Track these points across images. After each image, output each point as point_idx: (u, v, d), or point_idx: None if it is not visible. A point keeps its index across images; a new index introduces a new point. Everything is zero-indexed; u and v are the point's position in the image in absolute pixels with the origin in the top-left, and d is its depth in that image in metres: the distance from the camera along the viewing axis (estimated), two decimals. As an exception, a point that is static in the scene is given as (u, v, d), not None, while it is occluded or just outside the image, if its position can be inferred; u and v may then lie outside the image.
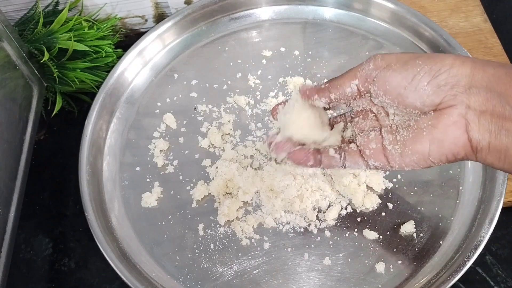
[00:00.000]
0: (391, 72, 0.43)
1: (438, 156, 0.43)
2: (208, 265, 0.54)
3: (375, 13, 0.68)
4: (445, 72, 0.41)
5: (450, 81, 0.41)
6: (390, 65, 0.43)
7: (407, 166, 0.44)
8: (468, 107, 0.40)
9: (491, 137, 0.40)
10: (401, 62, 0.43)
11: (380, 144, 0.45)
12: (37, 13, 0.64)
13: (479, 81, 0.40)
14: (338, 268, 0.53)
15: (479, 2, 0.72)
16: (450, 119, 0.41)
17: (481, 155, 0.41)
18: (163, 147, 0.61)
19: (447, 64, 0.41)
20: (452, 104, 0.41)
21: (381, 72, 0.43)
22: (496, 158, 0.40)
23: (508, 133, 0.39)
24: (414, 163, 0.43)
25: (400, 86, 0.42)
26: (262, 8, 0.71)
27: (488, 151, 0.41)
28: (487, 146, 0.40)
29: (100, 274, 0.57)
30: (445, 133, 0.42)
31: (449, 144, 0.42)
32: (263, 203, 0.56)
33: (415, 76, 0.42)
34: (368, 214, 0.56)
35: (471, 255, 0.50)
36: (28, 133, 0.58)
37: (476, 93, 0.40)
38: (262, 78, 0.66)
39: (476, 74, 0.40)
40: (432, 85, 0.41)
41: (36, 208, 0.61)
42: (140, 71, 0.67)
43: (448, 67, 0.41)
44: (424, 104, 0.42)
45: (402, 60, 0.43)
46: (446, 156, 0.42)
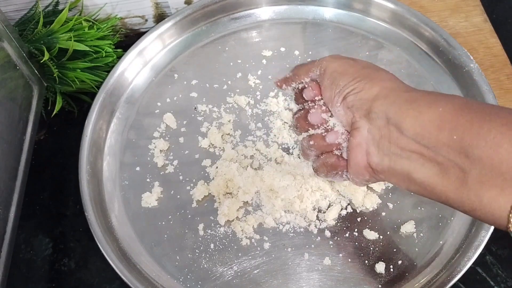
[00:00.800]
0: (323, 88, 0.46)
1: (351, 175, 0.46)
2: (208, 265, 0.54)
3: (375, 13, 0.68)
4: (353, 94, 0.43)
5: (355, 104, 0.43)
6: (326, 73, 0.46)
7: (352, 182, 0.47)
8: (369, 131, 0.42)
9: (390, 161, 0.41)
10: (331, 77, 0.45)
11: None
12: (37, 13, 0.64)
13: (378, 107, 0.41)
14: (338, 268, 0.53)
15: (479, 2, 0.72)
16: (354, 141, 0.44)
17: (384, 176, 0.43)
18: (163, 147, 0.61)
19: (359, 87, 0.43)
20: (358, 127, 0.43)
21: (322, 80, 0.47)
22: (400, 180, 0.42)
23: (409, 159, 0.40)
24: (352, 180, 0.47)
25: (328, 101, 0.46)
26: (262, 8, 0.71)
27: (389, 173, 0.42)
28: (388, 169, 0.42)
29: (100, 274, 0.57)
30: (351, 154, 0.44)
31: (354, 164, 0.44)
32: (263, 203, 0.56)
33: (334, 96, 0.45)
34: (368, 214, 0.56)
35: (471, 255, 0.50)
36: (28, 133, 0.58)
37: (375, 118, 0.42)
38: (262, 78, 0.66)
39: (377, 99, 0.42)
40: (343, 105, 0.44)
41: (36, 208, 0.61)
42: (140, 71, 0.67)
43: (358, 90, 0.43)
44: (342, 122, 0.45)
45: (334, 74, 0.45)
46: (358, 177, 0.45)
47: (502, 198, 0.34)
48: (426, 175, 0.39)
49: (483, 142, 0.35)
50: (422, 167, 0.39)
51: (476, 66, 0.60)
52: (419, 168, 0.39)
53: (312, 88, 0.48)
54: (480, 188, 0.35)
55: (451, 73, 0.63)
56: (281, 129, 0.61)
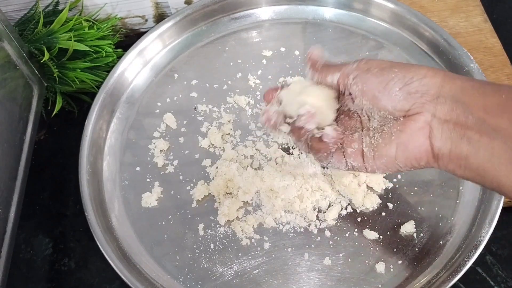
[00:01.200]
0: (370, 75, 0.46)
1: (403, 160, 0.45)
2: (208, 265, 0.54)
3: (375, 13, 0.68)
4: (417, 80, 0.44)
5: (420, 89, 0.43)
6: (370, 69, 0.46)
7: (378, 169, 0.47)
8: (434, 115, 0.43)
9: (452, 144, 0.42)
10: (380, 68, 0.46)
11: (361, 145, 0.47)
12: (37, 13, 0.64)
13: (446, 92, 0.42)
14: (338, 268, 0.53)
15: (479, 2, 0.72)
16: (416, 125, 0.44)
17: (443, 162, 0.43)
18: (163, 147, 0.61)
19: (420, 73, 0.44)
20: (420, 111, 0.44)
21: (361, 73, 0.46)
22: (457, 166, 0.42)
23: (469, 142, 0.41)
24: (384, 166, 0.46)
25: (376, 89, 0.45)
26: (262, 8, 0.71)
27: (449, 158, 0.43)
28: (448, 154, 0.42)
29: (100, 274, 0.57)
30: (410, 138, 0.44)
31: (413, 149, 0.44)
32: (263, 203, 0.56)
33: (389, 82, 0.44)
34: (368, 214, 0.56)
35: (471, 255, 0.50)
36: (28, 133, 0.58)
37: (442, 103, 0.42)
38: (262, 78, 0.66)
39: (445, 85, 0.43)
40: (404, 91, 0.44)
41: (36, 208, 0.61)
42: (140, 71, 0.67)
43: (420, 76, 0.44)
44: (395, 108, 0.45)
45: (382, 66, 0.46)
46: (410, 161, 0.45)
47: None
48: (482, 159, 0.40)
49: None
50: (480, 150, 0.40)
51: (476, 66, 0.60)
52: (476, 152, 0.40)
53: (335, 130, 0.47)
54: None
55: (451, 73, 0.63)
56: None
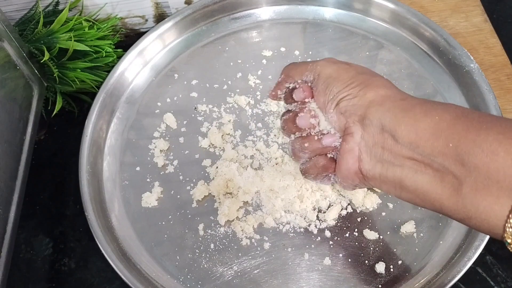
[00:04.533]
0: (317, 93, 0.46)
1: (341, 180, 0.46)
2: (208, 265, 0.54)
3: (375, 13, 0.68)
4: (346, 100, 0.43)
5: (349, 109, 0.43)
6: (317, 85, 0.46)
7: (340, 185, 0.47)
8: (362, 137, 0.42)
9: (382, 168, 0.41)
10: (325, 82, 0.45)
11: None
12: (37, 13, 0.64)
13: (373, 114, 0.41)
14: (338, 268, 0.53)
15: (479, 2, 0.72)
16: (346, 146, 0.43)
17: (374, 183, 0.43)
18: (163, 147, 0.61)
19: (353, 93, 0.43)
20: (350, 132, 0.43)
21: (314, 86, 0.46)
22: (391, 188, 0.42)
23: (402, 166, 0.40)
24: (340, 183, 0.47)
25: (321, 107, 0.46)
26: (262, 8, 0.71)
27: (380, 180, 0.42)
28: (379, 177, 0.42)
29: (100, 274, 0.57)
30: (342, 159, 0.44)
31: (344, 170, 0.44)
32: (263, 203, 0.56)
33: (328, 101, 0.44)
34: (368, 214, 0.56)
35: (471, 255, 0.50)
36: (28, 133, 0.58)
37: (369, 125, 0.41)
38: (263, 78, 0.66)
39: (372, 106, 0.41)
40: (336, 111, 0.44)
41: (36, 208, 0.61)
42: (140, 71, 0.67)
43: (351, 96, 0.43)
44: (335, 127, 0.45)
45: (328, 80, 0.45)
46: (346, 181, 0.45)
47: (498, 207, 0.34)
48: (420, 182, 0.39)
49: (479, 150, 0.34)
50: (416, 174, 0.39)
51: (476, 66, 0.60)
52: (411, 176, 0.39)
53: (303, 90, 0.47)
54: (475, 196, 0.35)
55: (451, 73, 0.63)
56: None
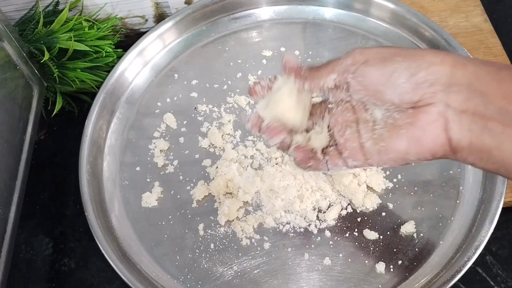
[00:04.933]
0: (369, 68, 0.42)
1: (416, 155, 0.42)
2: (208, 265, 0.54)
3: (375, 13, 0.68)
4: (424, 69, 0.40)
5: (429, 78, 0.40)
6: (369, 60, 0.42)
7: (385, 164, 0.43)
8: (448, 106, 0.39)
9: (472, 137, 0.39)
10: (379, 58, 0.42)
11: (357, 142, 0.44)
12: (37, 13, 0.64)
13: (459, 79, 0.39)
14: (338, 268, 0.53)
15: (480, 2, 0.72)
16: (429, 118, 0.40)
17: (462, 154, 0.40)
18: (163, 147, 0.61)
19: (426, 61, 0.40)
20: (431, 102, 0.40)
21: (359, 67, 0.42)
22: (477, 158, 0.39)
23: (491, 133, 0.37)
24: (392, 161, 0.43)
25: (379, 83, 0.41)
26: (262, 8, 0.71)
27: (469, 151, 0.39)
28: (468, 146, 0.39)
29: (100, 274, 0.57)
30: (424, 132, 0.41)
31: (427, 143, 0.41)
32: (263, 203, 0.56)
33: (393, 73, 0.40)
34: (368, 214, 0.56)
35: (471, 255, 0.50)
36: (28, 133, 0.58)
37: (456, 92, 0.39)
38: (263, 78, 0.66)
39: (456, 72, 0.39)
40: (411, 82, 0.40)
41: (36, 208, 0.61)
42: (141, 71, 0.67)
43: (427, 64, 0.40)
44: (403, 101, 0.41)
45: (381, 55, 0.42)
46: (424, 155, 0.42)
47: None
48: (507, 151, 0.37)
49: None
50: (504, 142, 0.37)
51: (476, 66, 0.60)
52: (499, 144, 0.37)
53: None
54: None
55: (451, 73, 0.63)
56: (281, 129, 0.61)
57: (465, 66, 0.39)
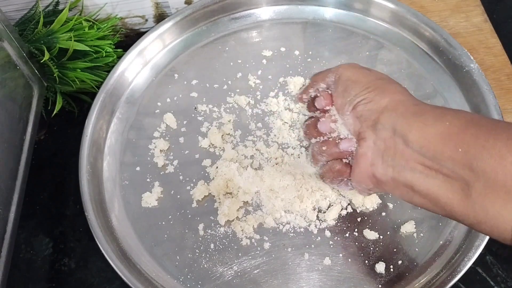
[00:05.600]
0: (336, 95, 0.47)
1: (356, 184, 0.46)
2: (208, 265, 0.54)
3: (375, 13, 0.68)
4: (362, 104, 0.44)
5: (364, 114, 0.44)
6: (337, 87, 0.47)
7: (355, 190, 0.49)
8: (375, 142, 0.43)
9: (394, 173, 0.42)
10: (344, 85, 0.46)
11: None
12: (37, 13, 0.64)
13: (385, 119, 0.42)
14: (338, 268, 0.53)
15: (480, 2, 0.72)
16: (360, 151, 0.44)
17: (388, 188, 0.43)
18: (163, 147, 0.61)
19: (369, 97, 0.44)
20: (364, 137, 0.44)
21: (335, 88, 0.48)
22: (403, 192, 0.42)
23: (413, 171, 0.40)
24: (355, 188, 0.48)
25: (339, 109, 0.47)
26: (262, 8, 0.71)
27: (393, 185, 0.42)
28: (392, 181, 0.42)
29: (100, 274, 0.57)
30: (356, 163, 0.45)
31: (358, 173, 0.45)
32: (263, 203, 0.56)
33: (345, 104, 0.45)
34: (368, 214, 0.56)
35: (471, 255, 0.50)
36: (28, 133, 0.58)
37: (381, 129, 0.42)
38: (263, 78, 0.66)
39: (385, 111, 0.42)
40: (352, 114, 0.45)
41: (36, 208, 0.61)
42: (141, 71, 0.67)
43: (367, 100, 0.44)
44: (350, 131, 0.46)
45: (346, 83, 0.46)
46: (361, 185, 0.46)
47: (506, 212, 0.34)
48: (430, 187, 0.39)
49: (487, 155, 0.35)
50: (426, 178, 0.39)
51: (476, 66, 0.60)
52: (422, 180, 0.39)
53: (324, 98, 0.48)
54: (484, 201, 0.35)
55: (451, 73, 0.63)
56: (281, 129, 0.61)
57: (396, 106, 0.42)
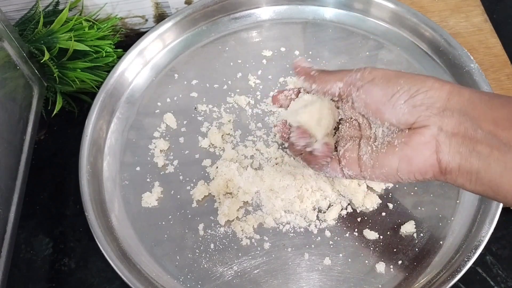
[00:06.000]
0: (374, 87, 0.45)
1: (406, 173, 0.44)
2: (208, 265, 0.54)
3: (375, 13, 0.68)
4: (422, 93, 0.43)
5: (425, 102, 0.42)
6: (375, 79, 0.45)
7: (377, 178, 0.46)
8: (441, 129, 0.42)
9: (461, 159, 0.41)
10: (385, 78, 0.44)
11: (355, 154, 0.47)
12: (37, 13, 0.64)
13: (453, 105, 0.41)
14: (338, 268, 0.53)
15: (480, 2, 0.72)
16: (421, 139, 0.43)
17: (451, 176, 0.42)
18: (163, 147, 0.61)
19: (426, 85, 0.43)
20: (426, 125, 0.43)
21: (365, 84, 0.45)
22: (467, 180, 0.41)
23: (479, 156, 0.40)
24: (383, 176, 0.46)
25: (380, 102, 0.44)
26: (262, 8, 0.71)
27: (458, 172, 0.42)
28: (457, 168, 0.41)
29: (100, 274, 0.57)
30: (415, 152, 0.43)
31: (418, 163, 0.43)
32: (263, 203, 0.56)
33: (394, 94, 0.43)
34: (368, 214, 0.56)
35: (471, 255, 0.50)
36: (28, 133, 0.58)
37: (449, 116, 0.41)
38: (263, 78, 0.66)
39: (451, 97, 0.42)
40: (409, 104, 0.43)
41: (36, 208, 0.61)
42: (141, 71, 0.67)
43: (426, 88, 0.43)
44: (399, 121, 0.44)
45: (387, 76, 0.45)
46: (414, 174, 0.44)
47: None
48: (494, 173, 0.39)
49: None
50: (492, 164, 0.39)
51: (476, 66, 0.60)
52: (487, 166, 0.40)
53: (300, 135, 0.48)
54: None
55: (451, 73, 0.63)
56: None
57: (461, 93, 0.42)
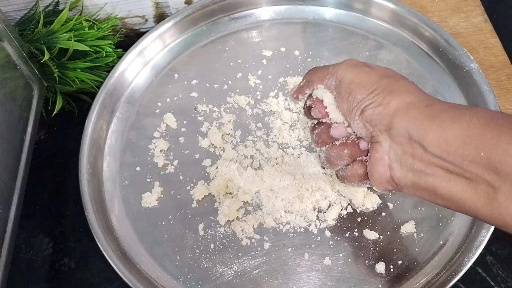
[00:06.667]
0: (340, 100, 0.45)
1: (376, 184, 0.45)
2: (208, 265, 0.54)
3: (375, 13, 0.68)
4: (371, 109, 0.42)
5: (374, 118, 0.42)
6: (340, 91, 0.45)
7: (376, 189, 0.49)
8: (391, 146, 0.42)
9: (414, 177, 0.41)
10: (348, 90, 0.44)
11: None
12: (37, 13, 0.64)
13: (399, 123, 0.40)
14: (338, 268, 0.53)
15: (480, 2, 0.72)
16: (376, 155, 0.43)
17: (407, 190, 0.42)
18: (163, 147, 0.61)
19: (376, 101, 0.42)
20: (378, 141, 0.42)
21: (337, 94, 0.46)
22: (425, 194, 0.41)
23: (434, 175, 0.39)
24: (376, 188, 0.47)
25: (346, 114, 0.45)
26: (262, 8, 0.71)
27: (413, 188, 0.42)
28: (411, 185, 0.41)
29: (100, 274, 0.57)
30: (373, 166, 0.44)
31: (377, 177, 0.44)
32: (263, 203, 0.56)
33: (352, 109, 0.44)
34: (369, 214, 0.56)
35: (471, 255, 0.50)
36: (28, 133, 0.58)
37: (396, 135, 0.41)
38: (263, 78, 0.66)
39: (397, 115, 0.41)
40: (361, 119, 0.43)
41: (36, 208, 0.61)
42: (141, 71, 0.67)
43: (376, 104, 0.42)
44: (361, 135, 0.44)
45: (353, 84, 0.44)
46: (380, 186, 0.45)
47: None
48: (454, 190, 0.38)
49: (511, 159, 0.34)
50: (449, 182, 0.38)
51: (477, 66, 0.60)
52: (445, 184, 0.38)
53: (319, 111, 0.47)
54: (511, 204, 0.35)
55: (451, 73, 0.63)
56: (281, 129, 0.61)
57: (408, 110, 0.40)
